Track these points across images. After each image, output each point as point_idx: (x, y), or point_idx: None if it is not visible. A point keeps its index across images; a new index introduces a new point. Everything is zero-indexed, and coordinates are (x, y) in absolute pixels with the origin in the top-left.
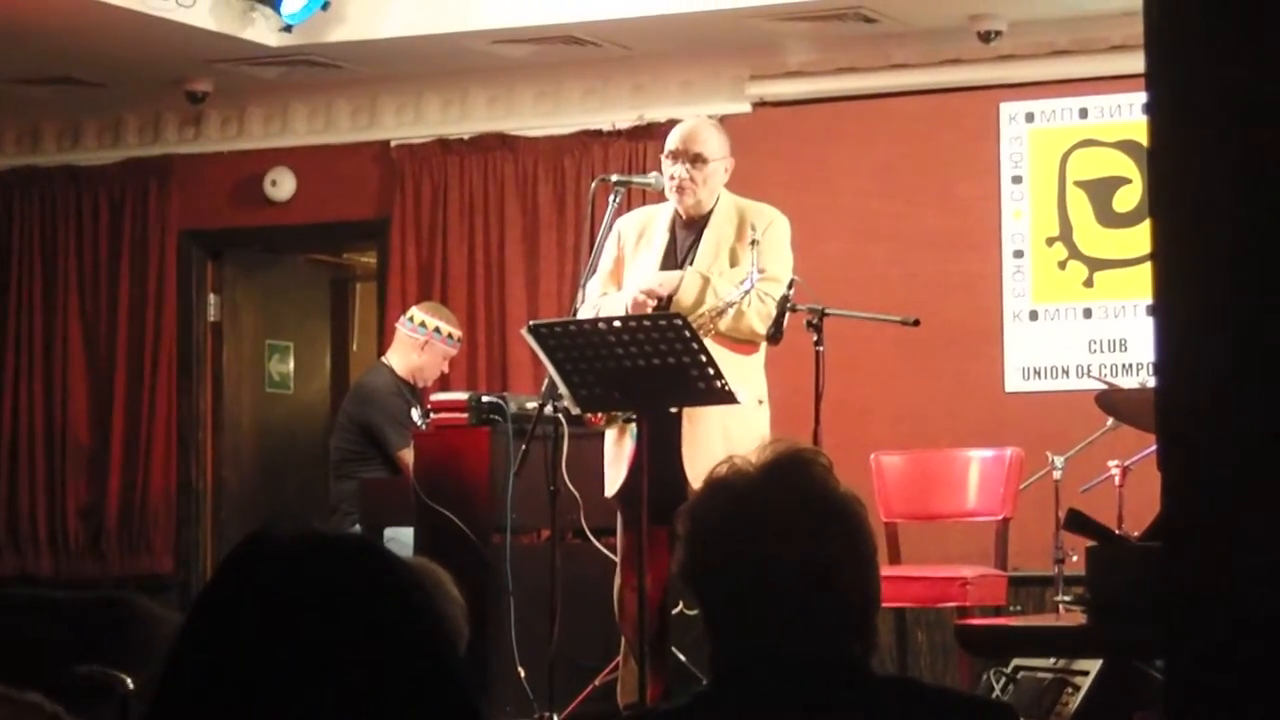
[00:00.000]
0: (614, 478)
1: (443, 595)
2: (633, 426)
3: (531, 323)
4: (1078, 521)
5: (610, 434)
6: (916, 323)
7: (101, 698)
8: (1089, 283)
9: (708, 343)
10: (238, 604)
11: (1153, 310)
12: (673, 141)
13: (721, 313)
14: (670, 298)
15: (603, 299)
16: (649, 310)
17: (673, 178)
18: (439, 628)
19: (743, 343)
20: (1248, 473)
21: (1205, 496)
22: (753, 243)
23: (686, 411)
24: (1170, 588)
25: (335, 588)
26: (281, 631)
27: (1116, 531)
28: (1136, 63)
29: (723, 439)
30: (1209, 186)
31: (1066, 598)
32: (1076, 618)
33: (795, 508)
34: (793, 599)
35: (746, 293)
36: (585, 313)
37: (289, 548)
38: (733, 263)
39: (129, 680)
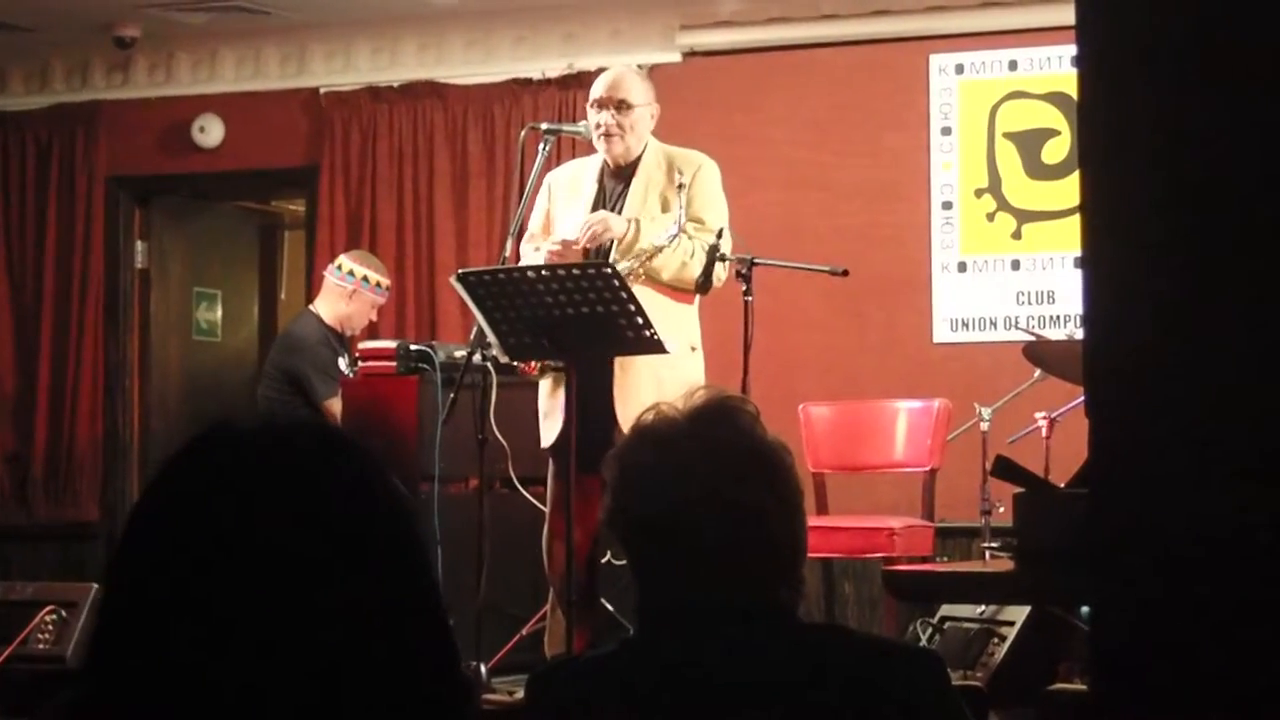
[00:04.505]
0: (549, 430)
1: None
2: None
3: (460, 271)
4: (1006, 468)
5: (544, 386)
6: (845, 273)
7: None
8: (1017, 235)
9: (643, 290)
10: (194, 502)
11: (1081, 262)
12: (597, 90)
13: (651, 257)
14: (613, 242)
15: (535, 253)
16: (577, 253)
17: (599, 126)
18: (418, 536)
19: (679, 290)
20: (1172, 421)
21: (1131, 443)
22: (679, 187)
23: (619, 360)
24: (1096, 533)
25: (307, 480)
26: (244, 530)
27: None
28: (1066, 15)
29: (655, 387)
30: (1138, 139)
31: (994, 544)
32: (1004, 564)
33: (722, 454)
34: (719, 546)
35: (674, 236)
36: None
37: (253, 437)
38: (664, 209)
39: None
